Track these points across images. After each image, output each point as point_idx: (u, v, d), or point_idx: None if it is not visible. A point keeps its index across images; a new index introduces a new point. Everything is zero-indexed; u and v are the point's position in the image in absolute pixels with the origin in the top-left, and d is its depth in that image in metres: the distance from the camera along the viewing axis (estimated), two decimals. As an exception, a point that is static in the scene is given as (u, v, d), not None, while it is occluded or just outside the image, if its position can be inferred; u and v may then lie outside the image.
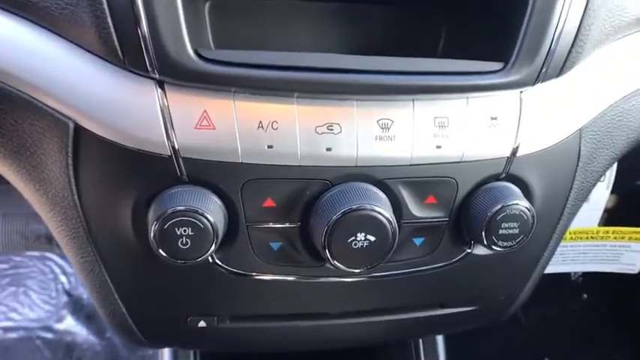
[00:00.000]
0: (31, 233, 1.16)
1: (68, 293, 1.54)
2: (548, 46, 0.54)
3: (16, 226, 1.13)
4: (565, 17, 0.54)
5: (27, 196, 0.61)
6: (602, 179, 0.93)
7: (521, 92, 0.58)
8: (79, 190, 0.57)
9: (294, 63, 0.51)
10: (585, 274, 1.39)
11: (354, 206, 0.54)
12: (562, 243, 0.80)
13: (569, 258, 1.09)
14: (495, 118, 0.58)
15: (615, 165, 0.93)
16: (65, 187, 0.56)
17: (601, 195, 0.98)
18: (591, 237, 1.06)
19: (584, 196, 0.70)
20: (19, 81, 0.52)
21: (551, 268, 0.86)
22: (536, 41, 0.54)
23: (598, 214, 1.02)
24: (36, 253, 1.56)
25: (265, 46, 0.63)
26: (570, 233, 1.05)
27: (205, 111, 0.52)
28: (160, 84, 0.51)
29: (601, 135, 0.65)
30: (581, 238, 1.06)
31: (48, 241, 1.17)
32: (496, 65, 0.55)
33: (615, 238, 1.07)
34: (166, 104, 0.52)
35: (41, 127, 0.54)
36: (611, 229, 1.06)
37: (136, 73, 0.51)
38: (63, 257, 1.57)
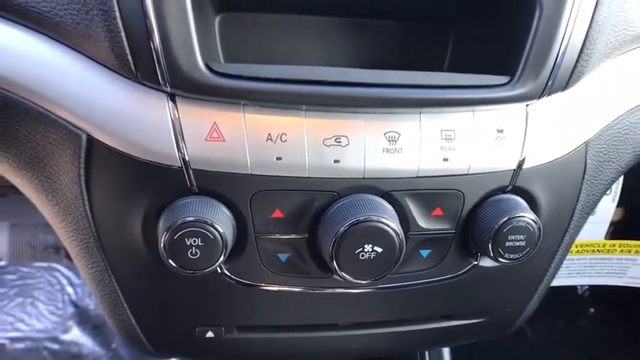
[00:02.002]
0: (40, 243, 1.17)
1: (75, 304, 1.54)
2: (554, 60, 0.55)
3: (25, 236, 1.15)
4: (571, 31, 0.55)
5: (39, 206, 0.62)
6: (608, 192, 0.93)
7: (527, 105, 0.58)
8: (91, 201, 0.57)
9: (302, 76, 0.52)
10: (592, 288, 1.38)
11: (361, 218, 0.55)
12: (568, 256, 0.80)
13: (576, 271, 1.08)
14: (501, 131, 0.58)
15: (621, 178, 0.93)
16: (77, 197, 0.57)
17: (607, 208, 0.98)
18: (597, 250, 1.06)
19: (590, 209, 0.71)
20: (33, 93, 0.54)
21: (557, 281, 0.86)
22: (541, 55, 0.55)
23: (604, 227, 1.02)
24: (43, 264, 1.57)
25: (274, 59, 0.64)
26: (576, 246, 1.05)
27: (215, 123, 0.53)
28: (171, 96, 0.52)
29: (607, 148, 0.66)
30: (587, 251, 1.06)
31: (56, 252, 1.18)
32: (502, 79, 0.55)
33: (622, 251, 1.07)
34: (177, 116, 0.52)
35: (54, 139, 0.55)
36: (617, 242, 1.06)
37: (147, 86, 0.52)
38: (70, 268, 1.57)
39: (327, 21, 0.64)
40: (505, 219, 0.58)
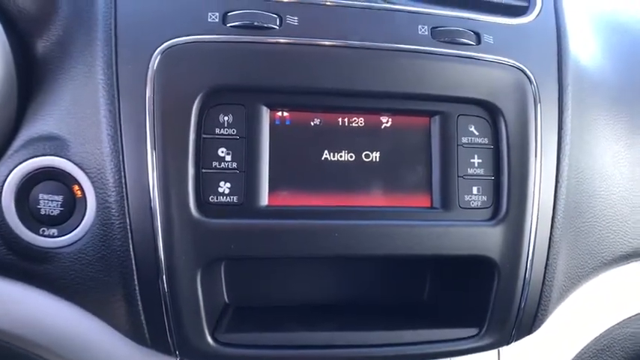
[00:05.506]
0: None
1: None
2: (516, 313, 0.63)
3: None
4: (528, 287, 0.63)
5: None
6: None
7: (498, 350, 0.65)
8: None
9: (295, 343, 0.60)
10: None
11: None
12: None
13: None
14: None
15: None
16: None
17: None
18: None
19: None
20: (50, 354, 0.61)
21: None
22: (504, 311, 0.62)
23: None
24: None
25: (271, 293, 0.71)
26: None
27: None
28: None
29: None
30: None
31: None
32: (472, 331, 0.63)
33: None
34: None
35: None
36: None
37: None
38: None
39: (316, 260, 0.72)
40: None
